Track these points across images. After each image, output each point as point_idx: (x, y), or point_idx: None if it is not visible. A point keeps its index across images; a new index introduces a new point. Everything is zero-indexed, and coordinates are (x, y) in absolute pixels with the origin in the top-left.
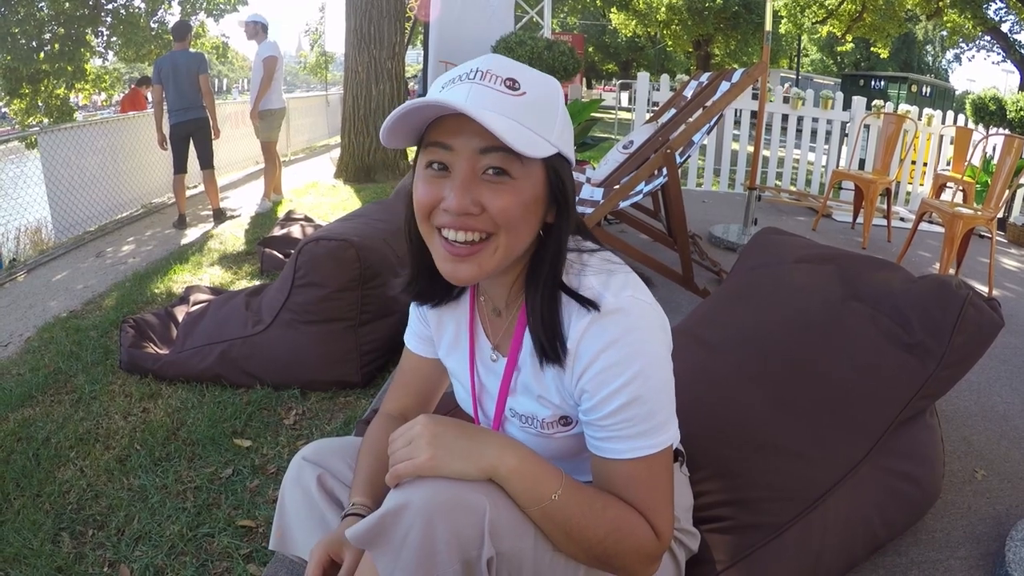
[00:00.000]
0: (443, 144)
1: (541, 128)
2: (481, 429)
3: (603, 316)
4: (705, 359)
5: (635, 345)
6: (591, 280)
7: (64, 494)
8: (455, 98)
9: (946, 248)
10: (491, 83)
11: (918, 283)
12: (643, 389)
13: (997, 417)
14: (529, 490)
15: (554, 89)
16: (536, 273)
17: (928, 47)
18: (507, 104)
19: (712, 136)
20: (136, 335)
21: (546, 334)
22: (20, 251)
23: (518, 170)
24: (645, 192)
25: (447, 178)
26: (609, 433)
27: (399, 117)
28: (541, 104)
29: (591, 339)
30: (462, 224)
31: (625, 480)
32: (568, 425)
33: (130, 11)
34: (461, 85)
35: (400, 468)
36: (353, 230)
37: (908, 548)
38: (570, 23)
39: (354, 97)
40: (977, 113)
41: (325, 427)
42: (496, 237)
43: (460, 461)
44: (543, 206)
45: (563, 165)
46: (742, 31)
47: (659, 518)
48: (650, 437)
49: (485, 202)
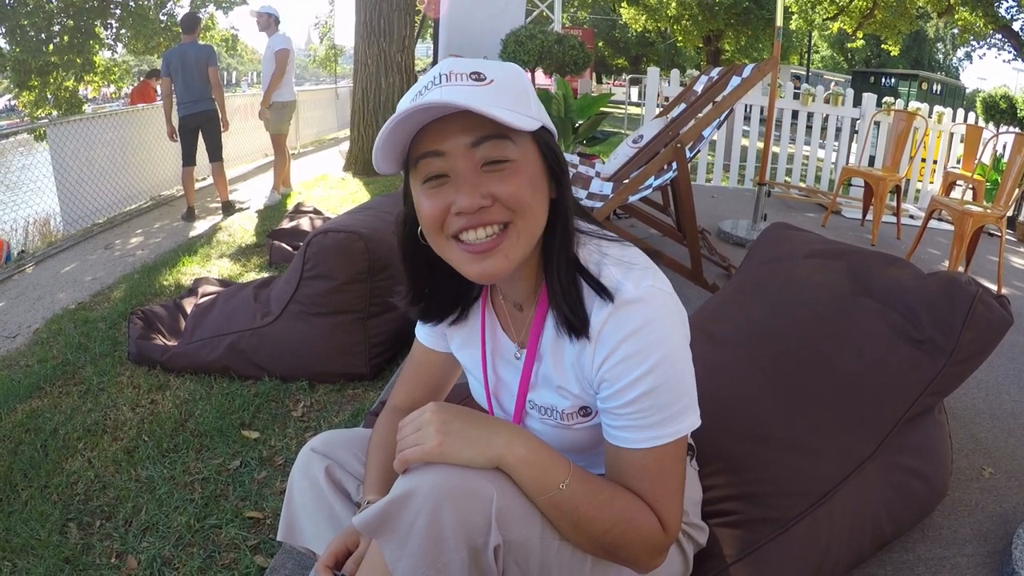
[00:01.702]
0: (434, 152)
1: (519, 106)
2: (490, 418)
3: (624, 305)
4: (714, 354)
5: (655, 335)
6: (611, 270)
7: (72, 485)
8: (433, 99)
9: (955, 246)
10: (458, 81)
11: (928, 279)
12: (662, 379)
13: (1005, 415)
14: (537, 479)
15: (517, 72)
16: (550, 250)
17: (939, 45)
18: (480, 94)
19: (722, 132)
20: (144, 327)
21: (569, 306)
22: (29, 243)
23: (514, 152)
24: (655, 186)
25: (448, 184)
26: (626, 422)
27: (386, 137)
28: (510, 86)
29: (612, 327)
30: (479, 220)
31: (636, 469)
32: (588, 416)
33: (139, 3)
34: (431, 92)
35: (408, 454)
36: (362, 222)
37: (915, 544)
38: (580, 18)
39: (363, 90)
40: (988, 111)
41: (333, 419)
42: (514, 225)
43: (469, 449)
44: (545, 181)
45: (550, 137)
46: (753, 27)
47: (667, 510)
48: (666, 427)
49: (494, 191)
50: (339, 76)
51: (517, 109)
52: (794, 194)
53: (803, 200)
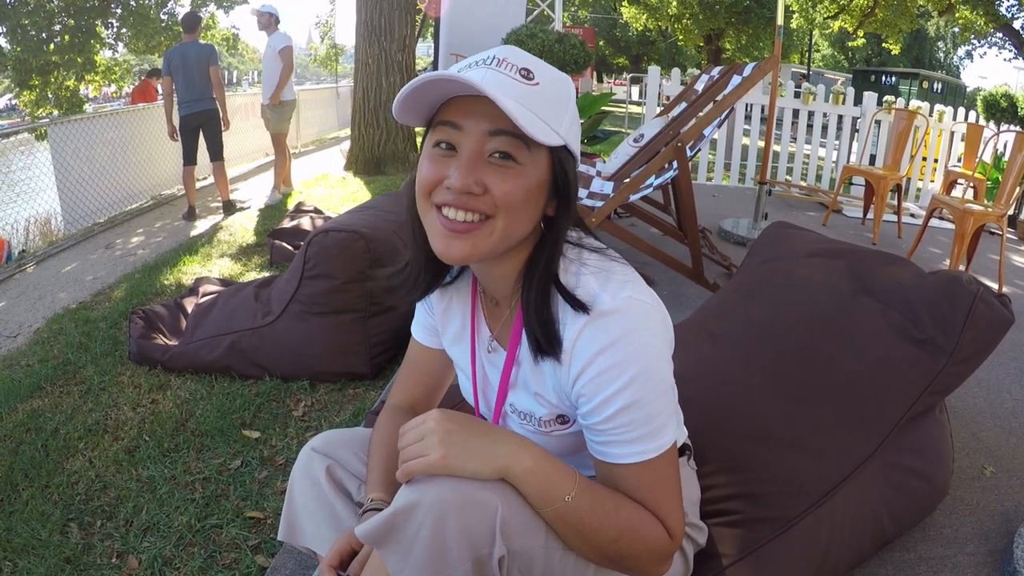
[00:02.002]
0: (453, 123)
1: (551, 118)
2: (494, 427)
3: (599, 317)
4: (715, 353)
5: (633, 348)
6: (589, 279)
7: (73, 485)
8: (471, 78)
9: (956, 244)
10: (507, 71)
11: (929, 278)
12: (641, 393)
13: (1006, 414)
14: (542, 491)
15: (567, 84)
16: (533, 266)
17: (940, 43)
18: (521, 91)
19: (723, 130)
20: (145, 326)
21: (540, 327)
22: (29, 242)
23: (524, 156)
24: (656, 185)
25: (453, 158)
26: (609, 437)
27: (415, 89)
28: (553, 95)
29: (587, 340)
30: (463, 203)
31: (630, 483)
32: (565, 424)
33: (140, 3)
34: (478, 69)
35: (412, 465)
36: (363, 222)
37: (916, 544)
38: (581, 16)
39: (364, 89)
40: (988, 110)
41: (334, 418)
42: (494, 220)
43: (473, 460)
44: (545, 196)
45: (568, 160)
46: (753, 25)
47: (670, 517)
48: (650, 441)
49: (489, 183)
50: (340, 75)
51: (548, 120)
52: (795, 193)
53: (804, 199)
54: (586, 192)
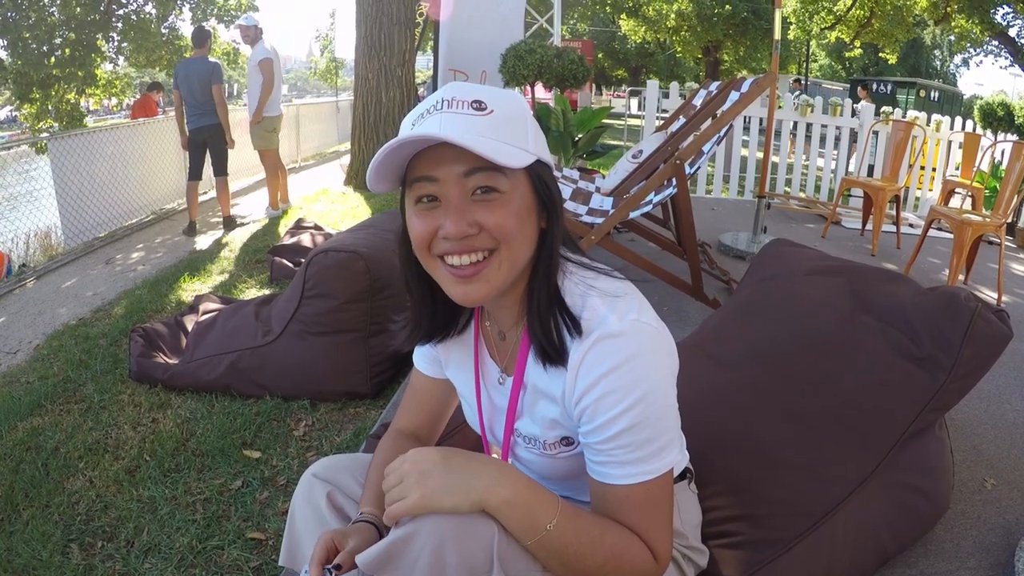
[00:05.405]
0: (428, 177)
1: (516, 140)
2: (475, 458)
3: (607, 338)
4: (714, 374)
5: (637, 371)
6: (595, 301)
7: (73, 505)
8: (429, 130)
9: (955, 255)
10: (459, 109)
11: (927, 296)
12: (643, 416)
13: (1007, 425)
14: (522, 521)
15: (518, 102)
16: (534, 277)
17: (936, 52)
18: (479, 124)
19: (721, 143)
20: (145, 344)
21: (544, 332)
22: (30, 256)
23: (505, 184)
24: (655, 202)
25: (438, 208)
26: (607, 458)
27: (381, 161)
28: (510, 118)
29: (593, 360)
30: (464, 247)
31: (621, 503)
32: (570, 445)
33: (141, 16)
34: (431, 117)
35: (394, 510)
36: (362, 241)
37: (918, 559)
38: (579, 30)
39: (364, 104)
40: (985, 119)
41: (335, 438)
42: (498, 252)
43: (451, 497)
44: (535, 213)
45: (544, 169)
46: (751, 37)
47: (657, 540)
48: (648, 463)
49: (481, 220)
50: (340, 89)
51: (514, 142)
52: (794, 205)
53: (803, 211)
54: (585, 208)
